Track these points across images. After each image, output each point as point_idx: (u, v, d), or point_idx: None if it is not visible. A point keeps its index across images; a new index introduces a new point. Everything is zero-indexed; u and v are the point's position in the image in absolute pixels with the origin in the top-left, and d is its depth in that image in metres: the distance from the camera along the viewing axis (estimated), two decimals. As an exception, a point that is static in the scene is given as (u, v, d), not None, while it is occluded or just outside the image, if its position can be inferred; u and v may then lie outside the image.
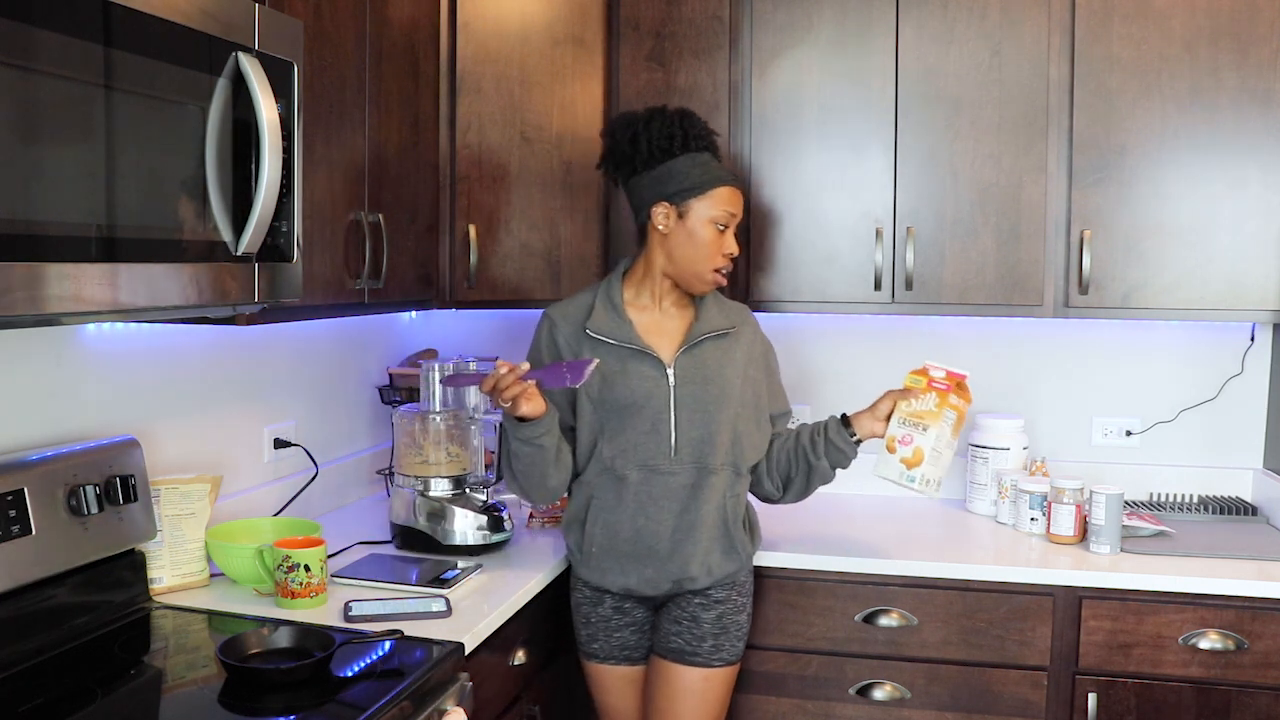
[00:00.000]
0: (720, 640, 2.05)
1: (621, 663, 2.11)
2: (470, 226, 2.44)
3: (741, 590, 2.10)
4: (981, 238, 2.46)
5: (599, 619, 2.10)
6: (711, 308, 2.10)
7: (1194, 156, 2.36)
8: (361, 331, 2.72)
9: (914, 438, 2.11)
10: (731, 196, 2.02)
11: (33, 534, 1.59)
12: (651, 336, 2.06)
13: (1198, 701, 2.14)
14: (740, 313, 2.16)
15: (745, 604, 2.11)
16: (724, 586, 2.07)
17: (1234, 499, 2.66)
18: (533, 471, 1.98)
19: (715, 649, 2.04)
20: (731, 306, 2.15)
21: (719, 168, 2.02)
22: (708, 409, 2.03)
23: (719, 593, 2.06)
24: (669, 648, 2.04)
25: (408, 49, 2.23)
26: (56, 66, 1.19)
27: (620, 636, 2.11)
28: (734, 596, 2.08)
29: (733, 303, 2.17)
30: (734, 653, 2.07)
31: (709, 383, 2.04)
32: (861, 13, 2.48)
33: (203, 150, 1.43)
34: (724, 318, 2.10)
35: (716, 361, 2.06)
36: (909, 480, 2.11)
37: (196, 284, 1.43)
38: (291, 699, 1.46)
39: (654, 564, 2.03)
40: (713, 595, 2.06)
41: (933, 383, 2.13)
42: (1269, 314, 2.36)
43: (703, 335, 2.05)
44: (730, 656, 2.06)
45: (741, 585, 2.10)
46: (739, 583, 2.10)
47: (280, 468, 2.38)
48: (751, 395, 2.10)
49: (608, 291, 2.08)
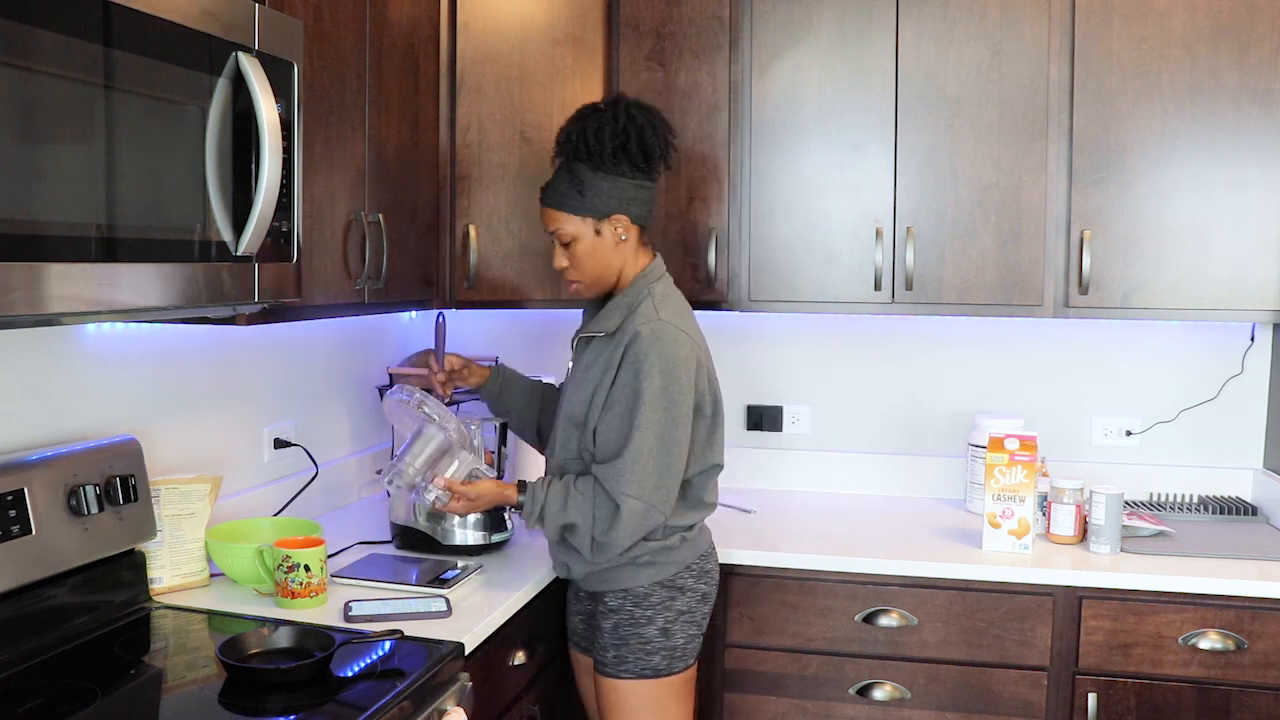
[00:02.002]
0: (621, 652, 1.94)
1: (575, 648, 2.16)
2: (470, 226, 2.44)
3: (643, 603, 1.95)
4: (981, 238, 2.46)
5: (569, 598, 2.18)
6: (614, 309, 1.97)
7: (1194, 156, 2.36)
8: (361, 331, 2.72)
9: (1014, 510, 2.29)
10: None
11: (33, 534, 1.59)
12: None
13: (1198, 701, 2.14)
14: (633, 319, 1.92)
15: (651, 618, 1.94)
16: (616, 595, 1.96)
17: (1234, 499, 2.66)
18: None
19: (618, 660, 1.95)
20: (639, 313, 1.93)
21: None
22: (561, 407, 2.03)
23: (612, 600, 1.97)
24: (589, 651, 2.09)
25: (408, 49, 2.23)
26: (56, 66, 1.19)
27: (572, 622, 2.16)
28: (629, 608, 1.95)
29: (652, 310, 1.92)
30: (644, 666, 1.94)
31: (571, 381, 2.03)
32: (861, 13, 2.48)
33: (203, 150, 1.43)
34: (614, 320, 1.95)
35: (587, 363, 1.99)
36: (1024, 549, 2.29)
37: (196, 284, 1.43)
38: (291, 699, 1.46)
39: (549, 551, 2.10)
40: (607, 603, 1.97)
41: (1014, 456, 2.29)
42: (1269, 314, 2.36)
43: (588, 334, 2.00)
44: (636, 670, 1.94)
45: (642, 598, 1.95)
46: (637, 594, 1.95)
47: (280, 468, 2.38)
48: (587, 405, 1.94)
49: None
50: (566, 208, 1.96)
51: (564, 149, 1.97)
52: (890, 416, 2.88)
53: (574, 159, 1.95)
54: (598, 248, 1.97)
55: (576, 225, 1.96)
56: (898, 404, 2.87)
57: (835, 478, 2.89)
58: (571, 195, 1.95)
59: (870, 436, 2.90)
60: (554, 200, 1.97)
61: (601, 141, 1.92)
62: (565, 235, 1.97)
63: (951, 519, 2.60)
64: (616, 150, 1.93)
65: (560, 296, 2.54)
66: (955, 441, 2.84)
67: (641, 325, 1.89)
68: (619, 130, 1.92)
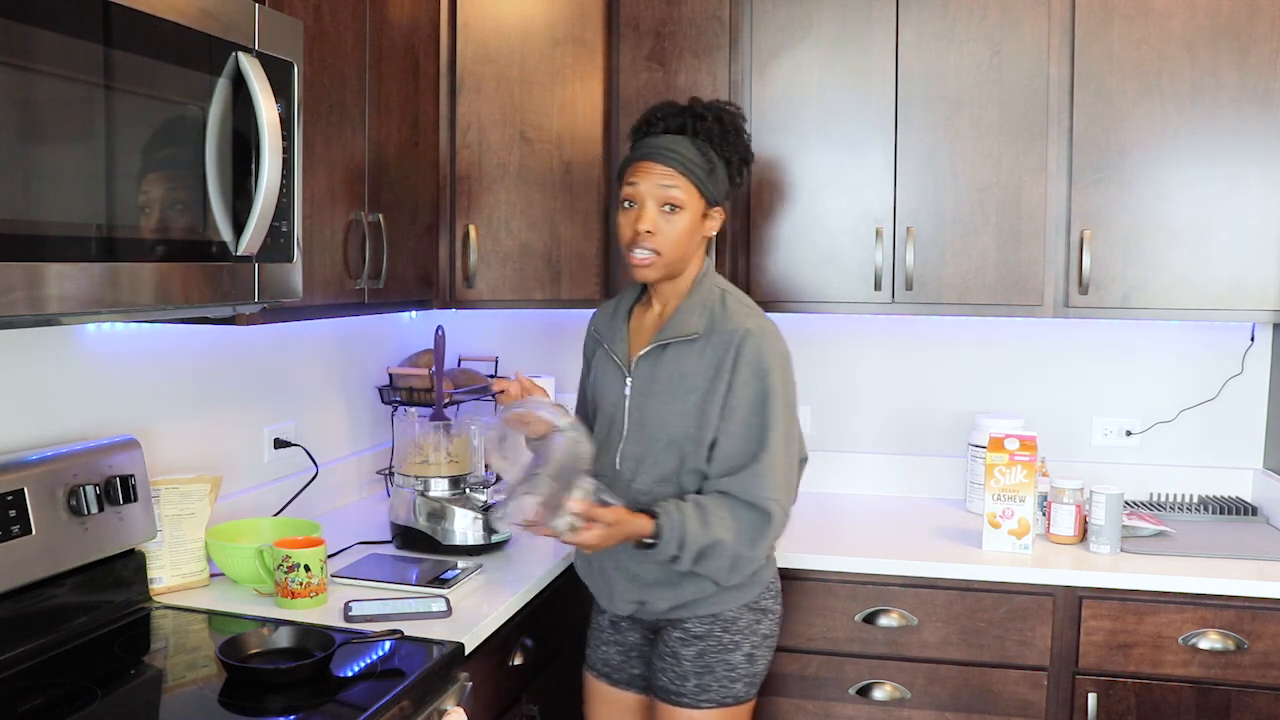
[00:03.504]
0: (705, 680, 1.85)
1: (602, 678, 2.03)
2: (470, 226, 2.44)
3: (731, 627, 1.86)
4: (981, 238, 2.46)
5: (596, 627, 2.05)
6: (691, 309, 1.86)
7: (1194, 156, 2.36)
8: (361, 331, 2.72)
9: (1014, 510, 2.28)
10: (635, 169, 1.85)
11: (33, 534, 1.58)
12: (636, 339, 1.94)
13: (1197, 701, 2.14)
14: (729, 319, 1.84)
15: (739, 643, 1.87)
16: (703, 621, 1.86)
17: (1234, 499, 2.66)
18: None
19: (700, 689, 1.85)
20: (729, 310, 1.85)
21: (643, 145, 1.86)
22: (647, 425, 1.85)
23: (697, 627, 1.87)
24: (656, 684, 1.91)
25: (408, 49, 2.23)
26: (56, 66, 1.19)
27: (605, 652, 2.02)
28: (717, 633, 1.86)
29: (742, 307, 1.88)
30: (725, 694, 1.86)
31: (653, 396, 1.85)
32: (861, 13, 2.48)
33: (203, 150, 1.43)
34: (699, 321, 1.84)
35: (670, 374, 1.84)
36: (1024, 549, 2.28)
37: (197, 284, 1.43)
38: (291, 699, 1.46)
39: (606, 581, 1.93)
40: (691, 630, 1.87)
41: (1014, 456, 2.28)
42: (1269, 314, 2.36)
43: (664, 340, 1.85)
44: (719, 698, 1.85)
45: (730, 622, 1.86)
46: (725, 619, 1.87)
47: (280, 468, 2.38)
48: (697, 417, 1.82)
49: (631, 288, 2.01)
50: (693, 176, 1.83)
51: (698, 124, 1.85)
52: (890, 416, 2.88)
53: (705, 138, 1.85)
54: (694, 230, 1.85)
55: (693, 198, 1.84)
56: (898, 404, 2.87)
57: (835, 477, 2.89)
58: (702, 167, 1.84)
59: (870, 436, 2.90)
60: (681, 163, 1.82)
61: (741, 139, 1.90)
62: (678, 199, 1.82)
63: (951, 519, 2.60)
64: (746, 154, 1.92)
65: (560, 296, 2.54)
66: (955, 441, 2.84)
67: (747, 323, 1.82)
68: (748, 140, 1.93)
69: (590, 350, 2.05)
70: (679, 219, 1.83)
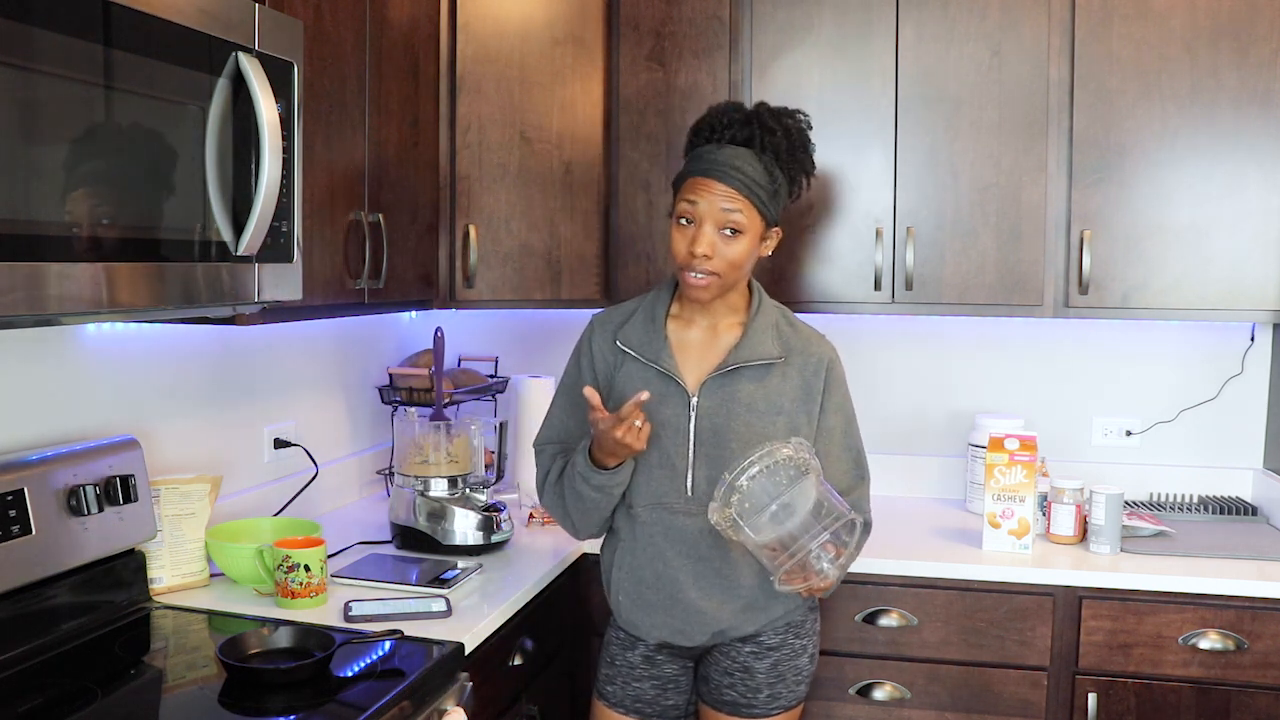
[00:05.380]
0: (777, 689, 1.84)
1: (630, 714, 1.91)
2: (470, 226, 2.44)
3: (799, 631, 1.87)
4: (981, 238, 2.46)
5: (625, 664, 1.91)
6: (762, 330, 1.81)
7: (1194, 156, 2.36)
8: (361, 331, 2.72)
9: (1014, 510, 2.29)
10: (695, 185, 1.73)
11: (33, 534, 1.58)
12: (686, 357, 1.82)
13: (1197, 701, 2.14)
14: (806, 341, 1.84)
15: (805, 646, 1.88)
16: (776, 631, 1.85)
17: (1234, 499, 2.66)
18: (593, 513, 1.81)
19: (772, 699, 1.84)
20: (800, 332, 1.85)
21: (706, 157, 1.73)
22: (730, 448, 1.74)
23: (771, 638, 1.84)
24: (722, 700, 1.86)
25: (408, 49, 2.23)
26: (57, 66, 1.19)
27: (639, 688, 1.90)
28: (790, 640, 1.85)
29: (807, 327, 1.88)
30: (793, 697, 1.87)
31: (734, 417, 1.76)
32: (861, 13, 2.48)
33: (203, 150, 1.43)
34: (774, 344, 1.80)
35: (751, 395, 1.77)
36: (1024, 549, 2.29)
37: (197, 284, 1.43)
38: (291, 699, 1.46)
39: (682, 614, 1.81)
40: (765, 642, 1.84)
41: (1014, 456, 2.29)
42: (1269, 314, 2.36)
43: (740, 363, 1.77)
44: (789, 702, 1.86)
45: (799, 626, 1.87)
46: (794, 623, 1.87)
47: (280, 468, 2.38)
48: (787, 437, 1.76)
49: (654, 299, 1.86)
50: (756, 199, 1.73)
51: (766, 138, 1.73)
52: (890, 416, 2.88)
53: (773, 154, 1.74)
54: (752, 253, 1.77)
55: (754, 220, 1.74)
56: (897, 404, 2.87)
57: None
58: (766, 189, 1.74)
59: (870, 436, 2.86)
60: (745, 185, 1.71)
61: (808, 154, 1.80)
62: (739, 223, 1.72)
63: (951, 519, 2.60)
64: (810, 168, 1.82)
65: (560, 296, 2.55)
66: (955, 441, 2.84)
67: (824, 347, 1.85)
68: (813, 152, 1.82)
69: (609, 363, 1.86)
70: (738, 243, 1.74)
